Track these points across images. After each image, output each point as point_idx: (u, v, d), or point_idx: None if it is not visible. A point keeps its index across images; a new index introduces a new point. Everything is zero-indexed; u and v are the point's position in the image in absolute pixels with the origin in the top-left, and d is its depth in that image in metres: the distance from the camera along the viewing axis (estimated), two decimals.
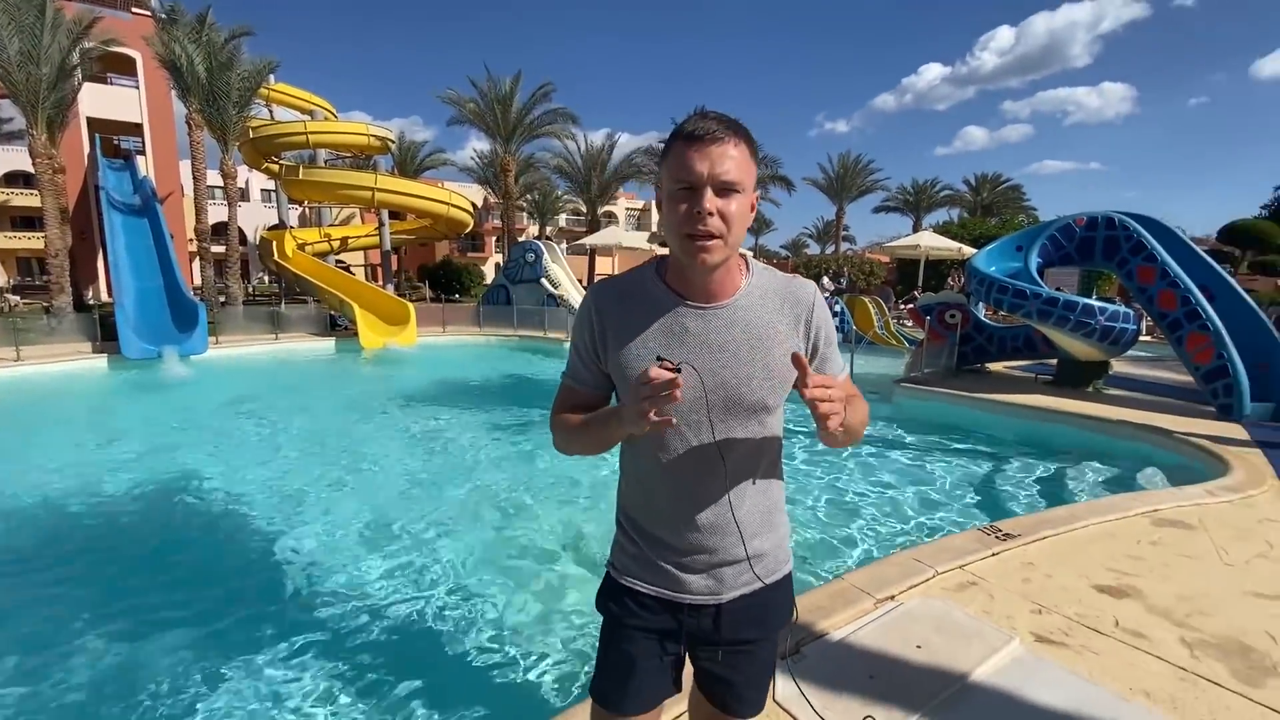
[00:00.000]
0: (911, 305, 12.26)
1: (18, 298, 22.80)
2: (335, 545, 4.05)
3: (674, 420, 0.93)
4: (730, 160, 0.94)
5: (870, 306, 13.40)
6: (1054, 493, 4.90)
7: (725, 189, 0.95)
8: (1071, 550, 3.11)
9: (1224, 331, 6.38)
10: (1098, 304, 6.87)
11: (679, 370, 0.88)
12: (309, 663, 2.79)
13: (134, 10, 22.01)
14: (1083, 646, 2.28)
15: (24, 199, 28.53)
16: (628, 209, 56.18)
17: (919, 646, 2.25)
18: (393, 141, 22.15)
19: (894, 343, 12.29)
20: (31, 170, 14.55)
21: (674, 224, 0.97)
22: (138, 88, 22.79)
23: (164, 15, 17.09)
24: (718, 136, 0.94)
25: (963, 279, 10.07)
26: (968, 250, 16.01)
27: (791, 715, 1.90)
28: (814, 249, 58.43)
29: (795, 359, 0.93)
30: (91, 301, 19.30)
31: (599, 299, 1.11)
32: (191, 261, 24.34)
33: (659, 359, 0.92)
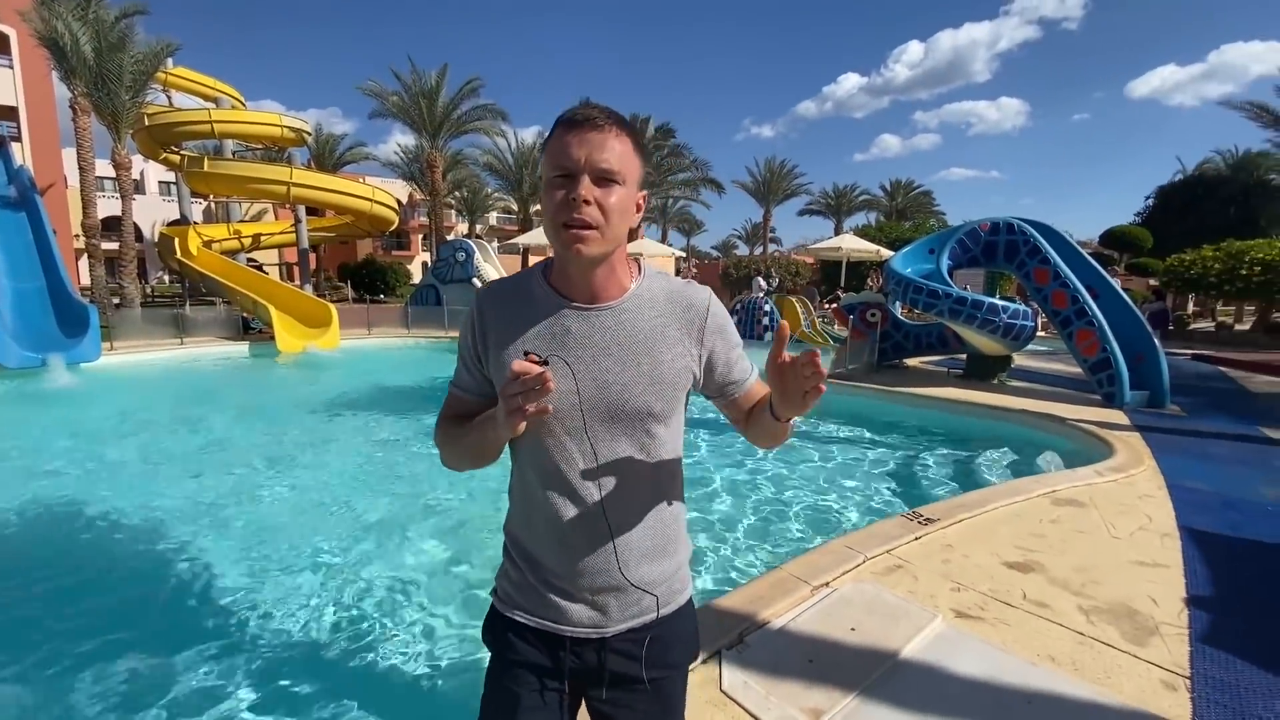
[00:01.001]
0: (836, 305, 12.83)
1: None
2: (244, 566, 3.79)
3: (550, 409, 0.88)
4: (610, 150, 0.90)
5: (797, 306, 13.94)
6: (968, 478, 5.28)
7: (604, 178, 0.91)
8: (984, 531, 3.37)
9: (1107, 327, 7.07)
10: (1001, 303, 7.45)
11: (546, 364, 0.84)
12: (215, 688, 2.63)
13: None
14: (996, 619, 2.49)
15: None
16: None
17: (853, 629, 2.39)
18: (309, 133, 20.97)
19: (820, 341, 12.83)
20: None
21: (550, 212, 0.93)
22: (11, 67, 20.51)
23: None
24: (598, 124, 0.91)
25: (881, 279, 10.65)
26: (885, 252, 16.92)
27: (738, 704, 1.98)
28: (743, 250, 60.02)
29: (780, 331, 0.92)
30: None
31: (482, 301, 1.06)
32: (78, 259, 22.17)
33: (526, 353, 0.86)
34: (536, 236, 20.09)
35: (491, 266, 16.74)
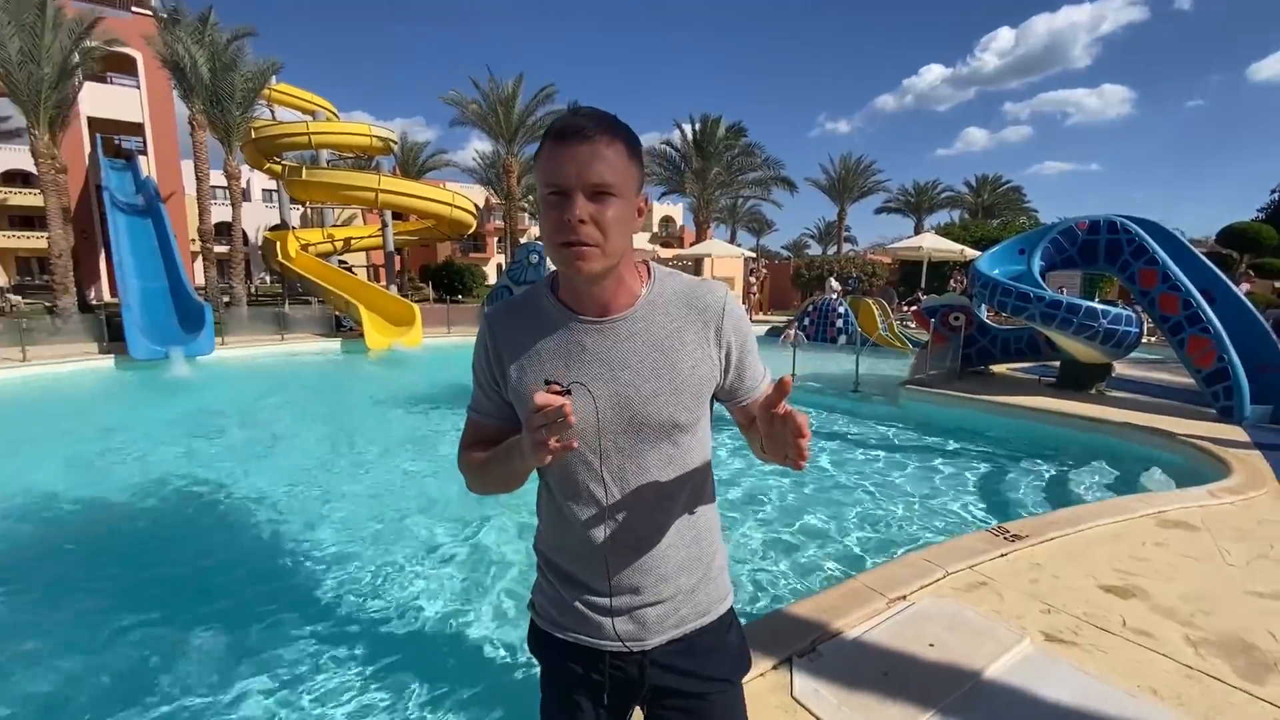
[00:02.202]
0: (916, 307, 12.33)
1: (19, 298, 22.80)
2: (340, 542, 4.11)
3: (575, 444, 0.84)
4: (602, 161, 0.85)
5: (874, 308, 13.47)
6: (1060, 494, 4.96)
7: (598, 193, 0.86)
8: (1078, 551, 3.17)
9: (1224, 335, 6.45)
10: (1100, 307, 6.93)
11: (569, 392, 0.82)
12: (307, 653, 2.85)
13: (134, 10, 22.04)
14: (1092, 645, 2.34)
15: (22, 198, 28.51)
16: None
17: (932, 645, 2.31)
18: (395, 142, 22.17)
19: (898, 344, 12.35)
20: (30, 169, 14.59)
21: (547, 232, 0.89)
22: (138, 88, 22.82)
23: (165, 15, 17.10)
24: (588, 135, 0.85)
25: (965, 281, 10.14)
26: (970, 252, 16.10)
27: (810, 711, 1.96)
28: (816, 250, 58.59)
29: (782, 385, 0.81)
30: (94, 302, 19.33)
31: (492, 321, 1.03)
32: (194, 262, 24.38)
33: (546, 382, 0.84)
34: None
35: None
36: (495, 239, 42.29)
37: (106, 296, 21.39)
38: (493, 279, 33.23)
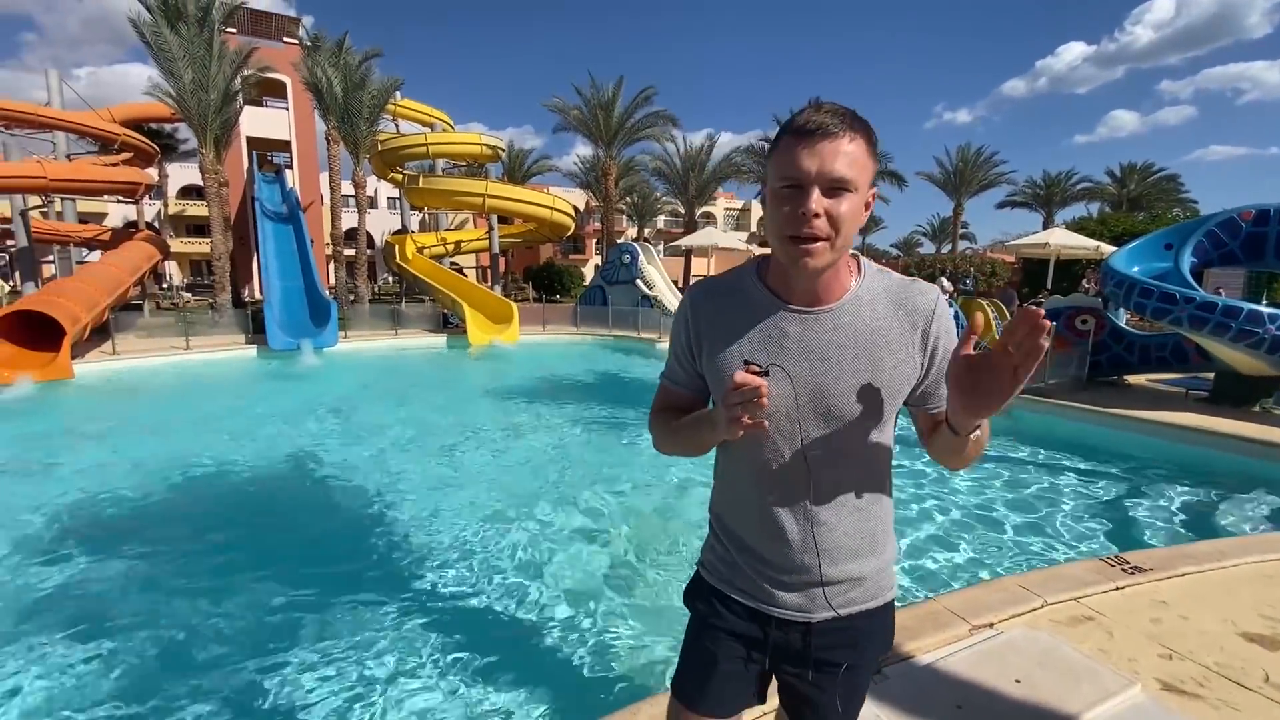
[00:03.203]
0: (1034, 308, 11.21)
1: (189, 295, 26.31)
2: (440, 522, 4.39)
3: (766, 425, 0.89)
4: (843, 157, 0.86)
5: (987, 310, 12.39)
6: (1201, 525, 4.31)
7: (836, 188, 0.87)
8: (1217, 591, 2.72)
9: None
10: (1267, 310, 5.95)
11: (766, 374, 0.86)
12: (404, 624, 3.02)
13: (285, 39, 24.74)
14: (1221, 701, 2.00)
15: (196, 209, 32.89)
16: (726, 209, 55.66)
17: (1018, 681, 2.07)
18: (502, 150, 23.30)
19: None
20: (201, 184, 16.75)
21: (778, 224, 0.91)
22: (287, 109, 25.59)
23: (309, 43, 19.03)
24: (830, 131, 0.86)
25: (1099, 281, 9.08)
26: (1106, 249, 14.41)
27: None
28: (929, 248, 55.04)
29: (969, 327, 0.85)
30: (247, 299, 21.91)
31: (695, 299, 1.08)
32: (327, 264, 27.00)
33: (746, 363, 0.88)
34: (699, 238, 20.26)
35: (654, 268, 17.23)
36: (594, 240, 43.34)
37: (257, 295, 24.17)
38: (590, 279, 34.08)
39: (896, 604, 1.19)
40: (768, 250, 1.02)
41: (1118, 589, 2.71)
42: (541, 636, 3.05)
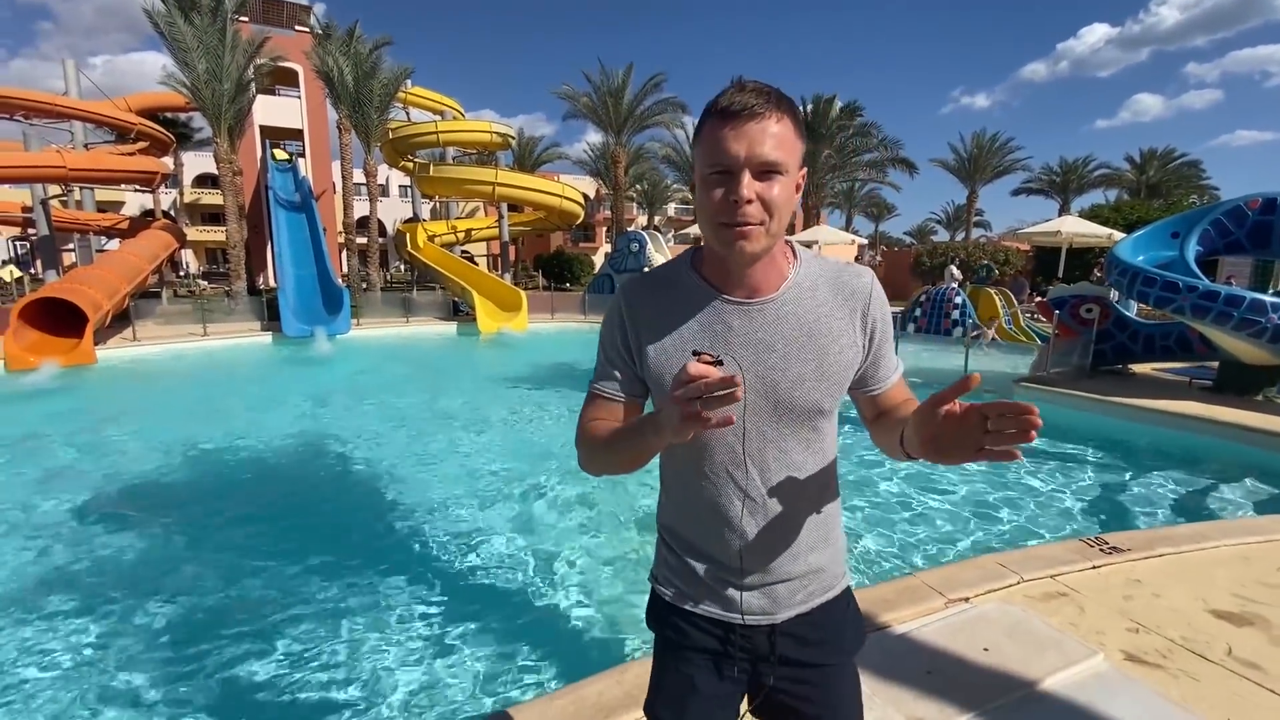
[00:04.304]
0: (1041, 297, 11.19)
1: (206, 283, 26.73)
2: (443, 499, 4.58)
3: (733, 419, 0.75)
4: (772, 138, 0.82)
5: (996, 298, 12.36)
6: (1196, 512, 4.37)
7: (766, 171, 0.83)
8: (1191, 570, 2.81)
9: None
10: (1271, 300, 5.93)
11: (720, 363, 0.77)
12: (400, 589, 3.19)
13: (297, 28, 24.86)
14: (1181, 671, 2.10)
15: (211, 198, 33.25)
16: None
17: (986, 649, 2.18)
18: (512, 137, 23.35)
19: (1024, 339, 11.27)
20: (217, 173, 16.98)
21: (709, 212, 0.87)
22: (299, 97, 25.76)
23: (320, 31, 19.13)
24: (757, 112, 0.82)
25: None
26: (1119, 237, 14.27)
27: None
28: (943, 236, 54.46)
29: (964, 381, 0.75)
30: (262, 287, 22.23)
31: (629, 295, 1.02)
32: (340, 252, 27.28)
33: (695, 354, 0.77)
34: None
35: (663, 256, 17.27)
36: (604, 229, 43.32)
37: (272, 282, 24.50)
38: (600, 268, 34.09)
39: (878, 580, 1.21)
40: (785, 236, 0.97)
41: (1094, 568, 2.80)
42: (535, 600, 3.20)
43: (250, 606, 3.20)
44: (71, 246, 19.88)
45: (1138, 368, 8.18)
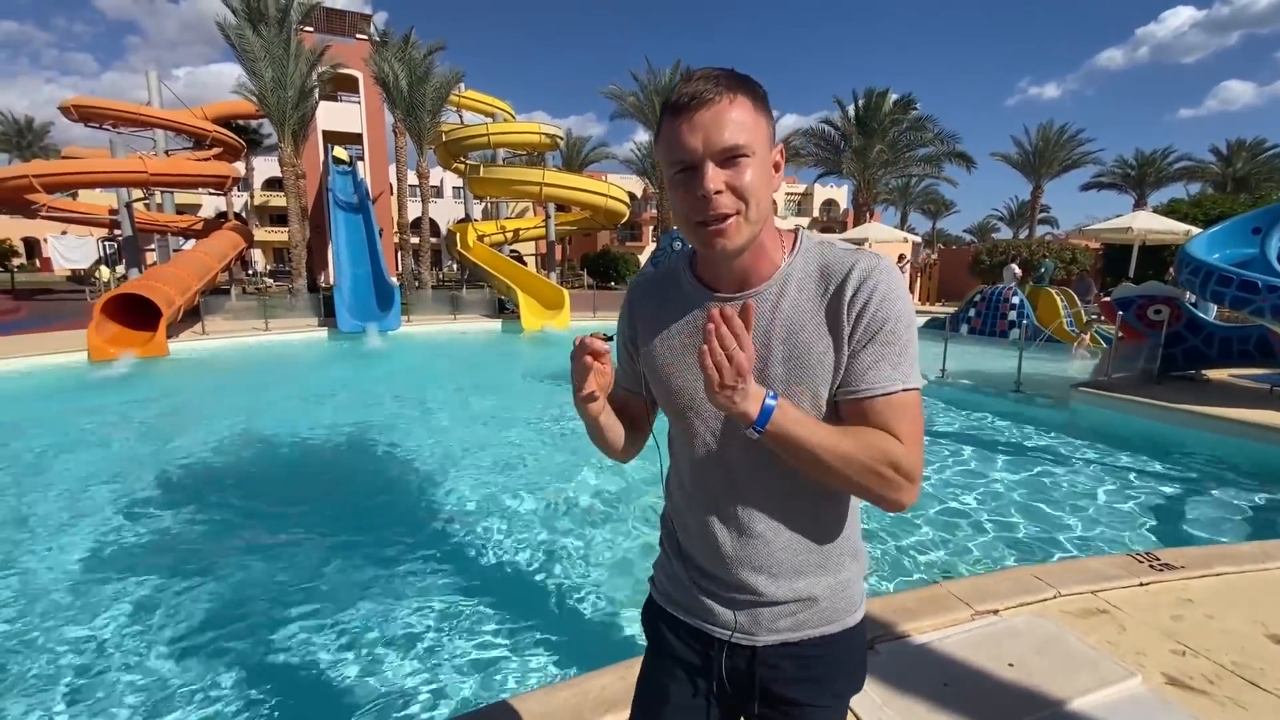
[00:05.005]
0: (1106, 297, 10.56)
1: (272, 280, 28.17)
2: (475, 486, 4.72)
3: (591, 393, 0.91)
4: (729, 123, 0.78)
5: (1057, 298, 11.73)
6: (1258, 529, 4.04)
7: (730, 157, 0.79)
8: (1252, 592, 2.60)
9: None
10: None
11: (610, 339, 0.90)
12: (424, 571, 3.28)
13: (357, 36, 25.88)
14: (1229, 698, 1.94)
15: (279, 200, 34.96)
16: (788, 194, 54.43)
17: (1011, 665, 2.08)
18: (561, 138, 23.65)
19: (1089, 342, 10.66)
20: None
21: (682, 213, 0.83)
22: (359, 103, 26.81)
23: (378, 39, 19.86)
24: (706, 98, 0.78)
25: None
26: (1197, 233, 13.32)
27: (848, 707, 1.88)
28: (1005, 233, 52.12)
29: (715, 314, 0.73)
30: (322, 285, 23.27)
31: (634, 294, 1.04)
32: (395, 252, 28.28)
33: (607, 337, 0.90)
34: None
35: None
36: (650, 228, 43.38)
37: (332, 280, 25.63)
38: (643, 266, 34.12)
39: (902, 586, 1.10)
40: (830, 234, 0.94)
41: (1141, 585, 2.63)
42: (566, 590, 3.24)
43: (288, 582, 3.36)
44: (153, 246, 21.30)
45: (1212, 374, 7.62)
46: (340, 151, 24.59)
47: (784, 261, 0.90)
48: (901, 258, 19.47)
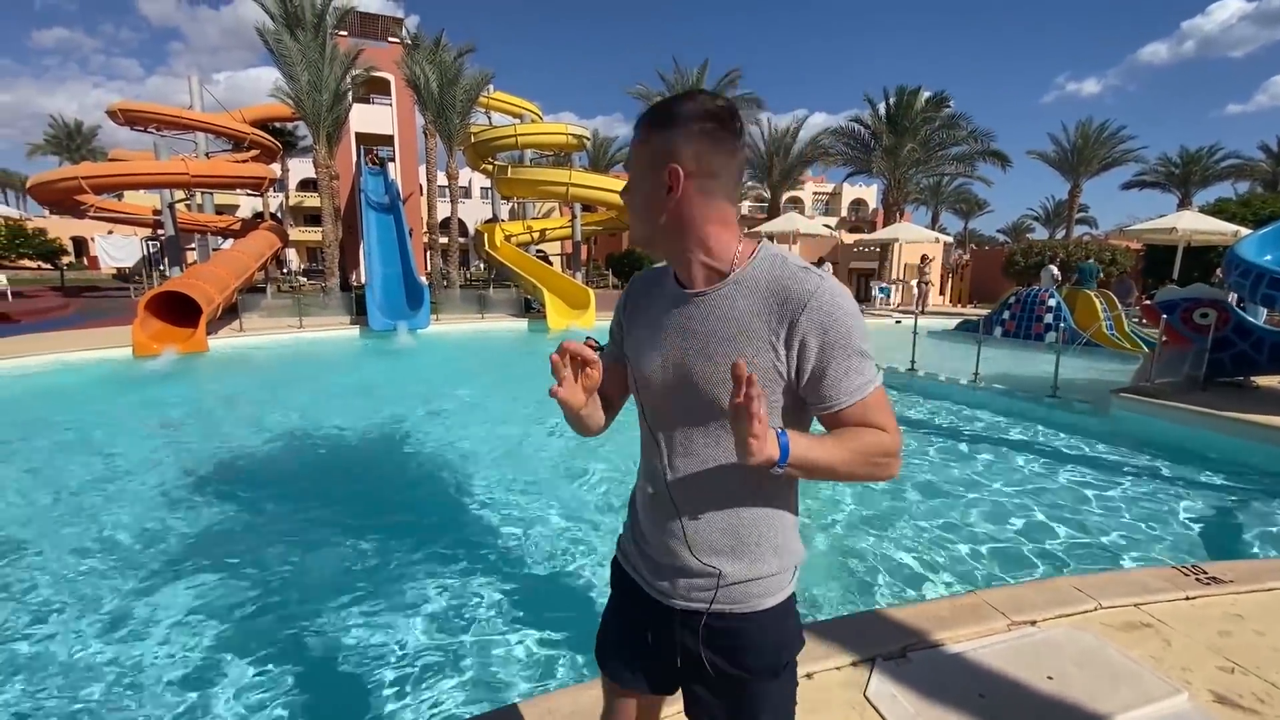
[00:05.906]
0: (1148, 300, 10.23)
1: (305, 279, 28.85)
2: (498, 480, 4.86)
3: (562, 394, 1.02)
4: (632, 164, 1.02)
5: (1095, 301, 11.41)
6: None
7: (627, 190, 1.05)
8: None
9: None
10: None
11: (600, 349, 1.02)
12: (450, 560, 3.32)
13: (389, 39, 26.34)
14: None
15: (313, 200, 35.80)
16: (816, 194, 53.81)
17: (1050, 677, 2.03)
18: (587, 139, 23.75)
19: (1128, 346, 10.34)
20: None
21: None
22: (391, 105, 27.29)
23: (409, 42, 20.17)
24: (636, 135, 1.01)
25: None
26: (1246, 234, 12.82)
27: (879, 712, 1.87)
28: (1040, 233, 50.86)
29: (734, 369, 0.79)
30: (355, 284, 23.76)
31: (631, 287, 1.17)
32: (425, 252, 28.72)
33: (594, 344, 1.02)
34: (780, 224, 19.87)
35: None
36: None
37: (365, 279, 26.16)
38: None
39: (936, 595, 1.16)
40: (858, 234, 1.06)
41: (1187, 598, 2.54)
42: (580, 584, 3.26)
43: (318, 568, 3.45)
44: (193, 245, 21.98)
45: (1264, 381, 7.32)
46: (375, 152, 25.04)
47: (734, 270, 0.98)
48: (924, 257, 19.07)
